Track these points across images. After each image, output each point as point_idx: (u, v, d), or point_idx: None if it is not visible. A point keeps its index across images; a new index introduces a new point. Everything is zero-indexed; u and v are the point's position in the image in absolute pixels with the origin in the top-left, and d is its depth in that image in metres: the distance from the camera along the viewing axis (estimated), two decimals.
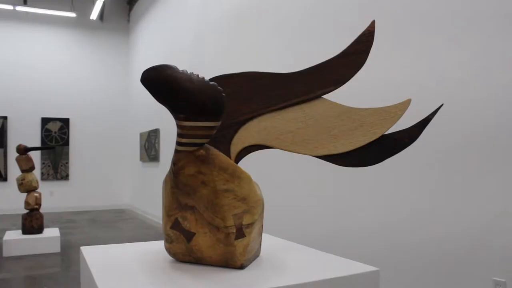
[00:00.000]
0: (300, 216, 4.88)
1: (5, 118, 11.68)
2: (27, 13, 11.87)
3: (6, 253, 6.53)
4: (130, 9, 13.12)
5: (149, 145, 10.52)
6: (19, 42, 12.05)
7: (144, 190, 11.20)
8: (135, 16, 12.60)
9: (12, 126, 11.75)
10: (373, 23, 1.59)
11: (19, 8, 11.34)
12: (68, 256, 6.65)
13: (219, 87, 1.32)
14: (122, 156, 12.88)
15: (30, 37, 12.18)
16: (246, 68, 1.89)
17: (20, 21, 12.03)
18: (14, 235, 6.92)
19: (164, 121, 9.46)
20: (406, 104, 1.56)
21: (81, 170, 12.45)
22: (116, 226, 9.71)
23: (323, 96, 1.65)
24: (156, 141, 9.96)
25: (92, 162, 12.56)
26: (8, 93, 11.78)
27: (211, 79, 1.53)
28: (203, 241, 1.46)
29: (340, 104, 1.63)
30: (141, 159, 11.28)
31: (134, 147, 12.06)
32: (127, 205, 12.77)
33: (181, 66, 1.35)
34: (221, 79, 1.68)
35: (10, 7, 11.17)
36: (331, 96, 1.64)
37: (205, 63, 7.55)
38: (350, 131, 1.60)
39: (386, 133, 1.57)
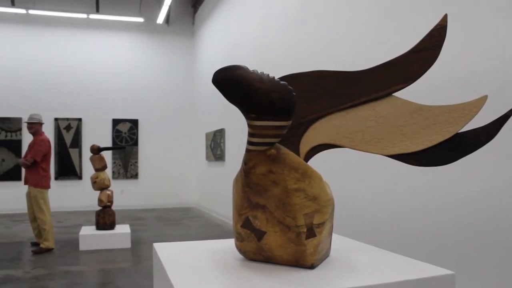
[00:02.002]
0: (370, 216, 4.79)
1: (80, 120, 12.31)
2: (99, 20, 12.49)
3: (82, 247, 6.90)
4: (194, 12, 13.42)
5: (215, 145, 10.71)
6: (92, 48, 12.70)
7: (210, 188, 11.41)
8: (200, 18, 12.87)
9: (86, 128, 12.36)
10: (445, 17, 1.54)
11: (92, 16, 12.02)
12: (138, 251, 6.90)
13: (289, 87, 1.32)
14: (188, 156, 13.20)
15: (102, 42, 12.81)
16: (312, 67, 1.88)
17: (93, 28, 12.68)
18: (88, 230, 7.30)
19: (229, 121, 9.60)
20: (482, 101, 1.50)
21: (149, 169, 12.89)
22: (183, 223, 9.96)
23: (393, 94, 1.62)
24: (222, 141, 10.12)
25: (159, 162, 12.97)
26: (83, 96, 12.42)
27: (280, 79, 1.53)
28: (274, 240, 1.47)
29: (411, 102, 1.59)
30: (207, 158, 11.50)
31: (200, 146, 12.32)
32: (194, 204, 13.06)
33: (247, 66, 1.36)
34: (289, 79, 1.69)
35: (84, 15, 11.88)
36: (401, 94, 1.60)
37: (270, 63, 7.58)
38: (422, 130, 1.56)
39: (461, 131, 1.51)
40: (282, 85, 1.30)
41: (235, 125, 9.07)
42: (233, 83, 1.28)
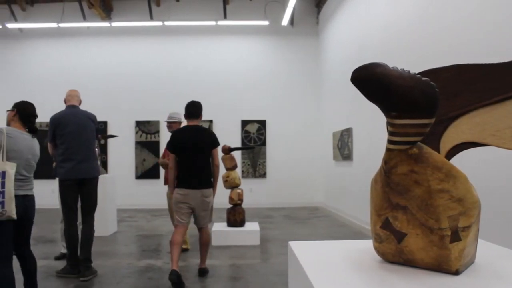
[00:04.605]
0: None
1: (210, 121, 12.98)
2: (226, 26, 13.14)
3: (214, 242, 7.25)
4: (318, 12, 13.42)
5: (342, 144, 10.59)
6: (220, 53, 13.37)
7: (337, 188, 11.29)
8: (324, 17, 12.83)
9: (217, 128, 12.98)
10: None
11: (220, 23, 12.72)
12: (267, 249, 7.08)
13: (432, 83, 1.26)
14: (315, 155, 13.22)
15: (229, 47, 13.43)
16: (441, 63, 1.77)
17: (221, 34, 13.36)
18: (220, 226, 7.65)
19: (356, 120, 9.42)
20: None
21: (276, 168, 13.15)
22: (310, 223, 10.00)
23: None
24: (349, 140, 9.98)
25: (286, 161, 13.17)
26: (212, 99, 13.06)
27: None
28: (415, 242, 1.41)
29: None
30: (334, 158, 11.42)
31: (327, 146, 12.26)
32: (320, 203, 13.05)
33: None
34: (428, 74, 1.61)
35: (213, 22, 12.63)
36: None
37: (396, 60, 7.30)
38: None
39: None
40: (424, 81, 1.25)
41: (363, 124, 8.88)
42: (373, 81, 1.26)
